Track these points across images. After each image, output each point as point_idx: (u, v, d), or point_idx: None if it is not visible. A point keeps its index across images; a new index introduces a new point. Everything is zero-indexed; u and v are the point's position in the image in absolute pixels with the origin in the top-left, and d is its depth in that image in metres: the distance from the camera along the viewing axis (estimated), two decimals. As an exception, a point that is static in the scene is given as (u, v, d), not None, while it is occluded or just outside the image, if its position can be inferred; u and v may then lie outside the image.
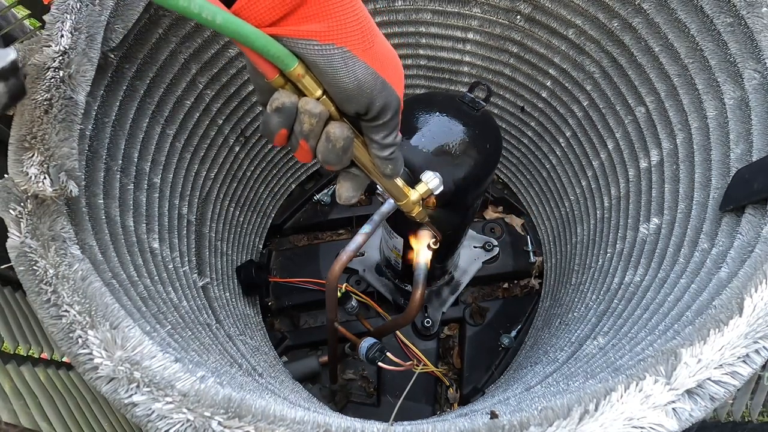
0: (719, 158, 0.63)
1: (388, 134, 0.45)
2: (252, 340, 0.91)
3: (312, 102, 0.41)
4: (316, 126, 0.42)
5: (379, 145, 0.46)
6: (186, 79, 0.78)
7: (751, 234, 0.52)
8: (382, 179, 0.51)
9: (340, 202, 0.51)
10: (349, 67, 0.39)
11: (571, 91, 0.94)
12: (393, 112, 0.43)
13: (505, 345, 1.09)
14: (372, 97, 0.40)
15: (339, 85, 0.39)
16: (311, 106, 0.41)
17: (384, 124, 0.44)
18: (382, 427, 0.43)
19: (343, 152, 0.44)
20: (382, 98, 0.41)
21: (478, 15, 0.94)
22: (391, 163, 0.48)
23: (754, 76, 0.59)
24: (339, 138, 0.43)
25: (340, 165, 0.46)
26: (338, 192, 0.51)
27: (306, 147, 0.44)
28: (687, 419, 0.37)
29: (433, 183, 0.59)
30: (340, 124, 0.43)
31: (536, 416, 0.38)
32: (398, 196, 0.57)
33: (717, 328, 0.40)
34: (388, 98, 0.42)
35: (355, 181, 0.51)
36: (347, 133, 0.43)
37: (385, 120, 0.43)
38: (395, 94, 0.42)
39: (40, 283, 0.42)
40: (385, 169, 0.48)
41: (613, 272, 0.82)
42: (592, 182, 0.96)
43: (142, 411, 0.38)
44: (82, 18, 0.53)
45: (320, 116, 0.42)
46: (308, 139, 0.43)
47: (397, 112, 0.44)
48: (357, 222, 1.22)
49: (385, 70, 0.41)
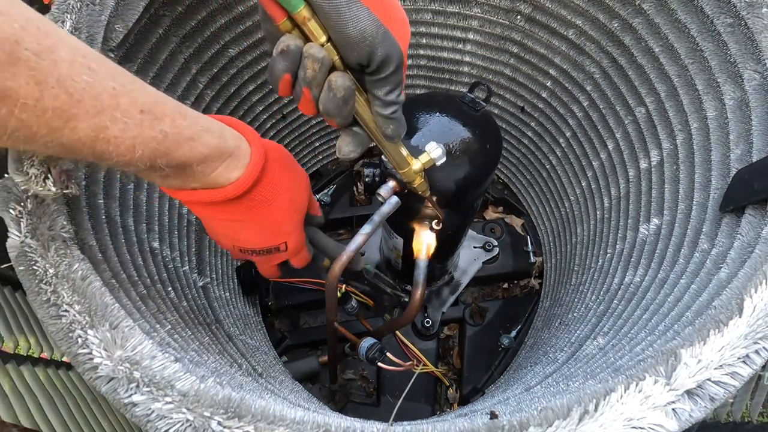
0: (719, 159, 0.63)
1: (391, 90, 0.45)
2: (252, 339, 0.91)
3: (316, 47, 0.41)
4: (319, 72, 0.43)
5: (382, 102, 0.46)
6: (186, 78, 0.78)
7: (751, 234, 0.52)
8: (384, 141, 0.51)
9: (338, 156, 0.52)
10: (353, 11, 0.39)
11: (571, 91, 0.94)
12: (395, 66, 0.43)
13: (505, 345, 1.09)
14: (373, 46, 0.41)
15: (342, 29, 0.40)
16: (315, 50, 0.41)
17: (386, 79, 0.44)
18: (382, 427, 0.43)
19: (343, 102, 0.45)
20: (383, 48, 0.41)
21: (478, 15, 0.94)
22: (393, 124, 0.48)
23: (754, 76, 0.59)
24: (340, 87, 0.43)
25: (341, 118, 0.47)
26: (338, 145, 0.52)
27: (309, 96, 0.45)
28: (687, 420, 0.37)
29: (435, 153, 0.58)
30: (342, 74, 0.43)
31: (536, 416, 0.38)
32: (400, 163, 0.57)
33: (717, 329, 0.40)
34: (390, 50, 0.42)
35: (357, 138, 0.51)
36: (348, 83, 0.44)
37: (387, 73, 0.43)
38: (398, 46, 0.42)
39: (40, 283, 0.42)
40: (387, 129, 0.49)
41: (613, 272, 0.82)
42: (592, 182, 0.96)
43: (141, 411, 0.38)
44: (83, 18, 0.53)
45: (323, 62, 0.42)
46: (311, 86, 0.44)
47: (399, 68, 0.44)
48: (357, 222, 1.22)
49: (389, 22, 0.41)
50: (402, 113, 0.49)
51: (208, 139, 0.44)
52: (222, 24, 0.79)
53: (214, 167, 0.46)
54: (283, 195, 0.54)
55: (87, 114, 0.33)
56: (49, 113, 0.31)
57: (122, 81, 0.36)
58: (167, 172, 0.43)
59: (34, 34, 0.30)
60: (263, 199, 0.52)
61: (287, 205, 0.55)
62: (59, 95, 0.31)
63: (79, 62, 0.33)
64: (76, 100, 0.32)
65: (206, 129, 0.44)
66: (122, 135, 0.36)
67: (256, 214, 0.53)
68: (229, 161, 0.47)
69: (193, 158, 0.43)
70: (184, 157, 0.42)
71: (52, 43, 0.31)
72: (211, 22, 0.78)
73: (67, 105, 0.32)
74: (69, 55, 0.32)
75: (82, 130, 0.33)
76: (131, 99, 0.36)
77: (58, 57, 0.31)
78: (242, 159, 0.49)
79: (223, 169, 0.47)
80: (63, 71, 0.31)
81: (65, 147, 0.34)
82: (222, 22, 0.79)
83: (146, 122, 0.37)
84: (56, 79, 0.31)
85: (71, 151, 0.35)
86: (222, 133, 0.46)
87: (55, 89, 0.31)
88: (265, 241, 0.57)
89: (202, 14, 0.75)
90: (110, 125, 0.35)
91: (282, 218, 0.56)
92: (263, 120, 1.01)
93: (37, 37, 0.30)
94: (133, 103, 0.36)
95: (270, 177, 0.52)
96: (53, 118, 0.32)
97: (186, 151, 0.42)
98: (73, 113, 0.32)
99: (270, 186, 0.52)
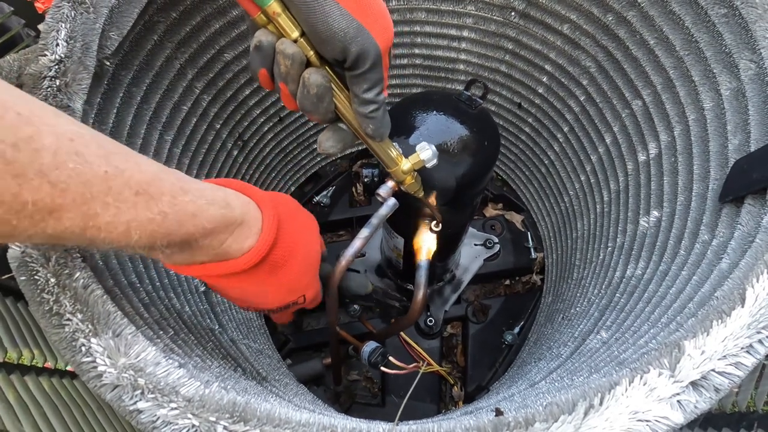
0: (717, 149, 0.63)
1: (369, 88, 0.43)
2: (255, 343, 0.91)
3: (287, 42, 0.40)
4: (292, 69, 0.42)
5: (360, 99, 0.44)
6: (182, 84, 0.78)
7: (752, 224, 0.52)
8: (368, 140, 0.50)
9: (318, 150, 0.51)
10: (322, 6, 0.38)
11: (568, 86, 0.94)
12: (371, 63, 0.41)
13: (509, 342, 1.09)
14: (345, 42, 0.39)
15: (312, 24, 0.39)
16: (285, 46, 0.40)
17: (362, 76, 0.42)
18: (388, 427, 0.43)
19: (318, 99, 0.44)
20: (357, 44, 0.40)
21: (472, 13, 0.94)
22: (373, 123, 0.46)
23: (750, 66, 0.59)
24: (313, 84, 0.42)
25: (319, 114, 0.45)
26: (319, 140, 0.51)
27: (286, 91, 0.44)
28: (692, 411, 0.37)
29: (425, 154, 0.57)
30: (316, 70, 0.42)
31: (541, 412, 0.38)
32: (387, 162, 0.56)
33: (720, 320, 0.40)
34: (365, 45, 0.40)
35: (339, 134, 0.50)
36: (321, 80, 0.42)
37: (362, 70, 0.42)
38: (372, 41, 0.40)
39: (42, 293, 0.42)
40: (367, 128, 0.47)
41: (615, 266, 0.82)
42: (591, 177, 0.96)
43: (147, 417, 0.38)
44: (77, 26, 0.53)
45: (294, 58, 0.41)
46: (287, 82, 0.43)
47: (377, 65, 0.42)
48: (357, 223, 1.22)
49: (365, 17, 0.40)
50: (384, 113, 0.47)
51: (214, 211, 0.41)
52: (217, 29, 0.79)
53: (222, 239, 0.43)
54: (299, 252, 0.51)
55: (74, 203, 0.31)
56: (29, 207, 0.29)
57: (115, 161, 0.33)
58: (171, 251, 0.40)
59: (10, 124, 0.27)
60: (278, 263, 0.49)
61: (303, 262, 0.52)
62: (41, 187, 0.29)
63: (65, 148, 0.30)
64: (61, 190, 0.30)
65: (210, 201, 0.41)
66: (115, 220, 0.33)
67: (273, 279, 0.50)
68: (239, 231, 0.44)
69: (197, 234, 0.40)
70: (187, 235, 0.39)
71: (32, 131, 0.28)
72: (205, 27, 0.78)
73: (50, 197, 0.29)
74: (53, 142, 0.29)
75: (68, 219, 0.31)
76: (124, 181, 0.33)
77: (39, 145, 0.28)
78: (253, 225, 0.46)
79: (233, 240, 0.44)
80: (45, 161, 0.29)
81: (52, 237, 0.31)
82: (217, 27, 0.79)
83: (141, 204, 0.34)
84: (37, 170, 0.28)
85: (59, 240, 0.32)
86: (227, 201, 0.43)
87: (35, 180, 0.28)
88: (283, 299, 0.55)
89: (196, 19, 0.75)
90: (101, 212, 0.32)
91: (299, 276, 0.53)
92: (261, 123, 1.01)
93: (14, 127, 0.28)
94: (126, 185, 0.33)
95: (284, 238, 0.49)
96: (35, 212, 0.29)
97: (189, 227, 0.39)
98: (57, 204, 0.30)
99: (285, 248, 0.49)
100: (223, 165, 0.95)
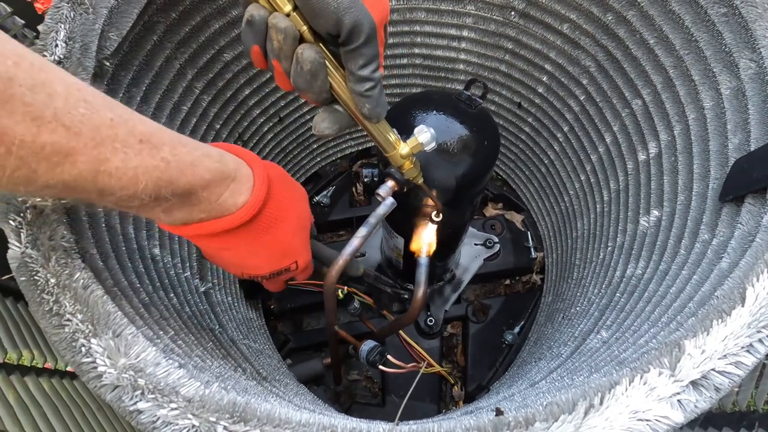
0: (717, 149, 0.63)
1: (365, 65, 0.42)
2: (255, 343, 0.91)
3: (280, 16, 0.40)
4: (284, 44, 0.41)
5: (355, 77, 0.43)
6: (182, 84, 0.78)
7: (752, 223, 0.52)
8: (364, 121, 0.49)
9: (313, 131, 0.49)
10: None
11: (568, 86, 0.94)
12: (366, 36, 0.40)
13: (509, 341, 1.09)
14: (339, 13, 0.38)
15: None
16: (277, 20, 0.40)
17: (357, 50, 0.41)
18: (388, 427, 0.43)
19: (311, 77, 0.43)
20: (351, 16, 0.38)
21: (472, 12, 0.94)
22: (369, 102, 0.45)
23: (749, 65, 0.59)
24: (306, 60, 0.41)
25: (313, 93, 0.45)
26: (314, 121, 0.49)
27: (279, 69, 0.43)
28: (692, 410, 0.37)
29: (423, 136, 0.55)
30: (309, 46, 0.41)
31: (541, 412, 0.38)
32: (385, 146, 0.54)
33: (720, 319, 0.40)
34: (359, 17, 0.39)
35: (335, 116, 0.49)
36: (315, 55, 0.41)
37: (357, 44, 0.40)
38: (366, 13, 0.39)
39: (42, 293, 0.42)
40: (363, 108, 0.46)
41: (615, 266, 0.82)
42: (591, 176, 0.96)
43: (147, 418, 0.38)
44: (76, 27, 0.53)
45: (286, 32, 0.40)
46: (280, 59, 0.42)
47: (371, 38, 0.41)
48: (357, 222, 1.22)
49: None
50: (381, 92, 0.46)
51: (210, 164, 0.43)
52: (216, 29, 0.79)
53: (219, 193, 0.45)
54: (291, 213, 0.53)
55: (86, 146, 0.33)
56: (47, 148, 0.31)
57: (119, 112, 0.36)
58: (172, 203, 0.42)
59: (27, 69, 0.30)
60: (273, 220, 0.51)
61: (295, 222, 0.54)
62: (57, 129, 0.31)
63: (74, 95, 0.32)
64: (74, 133, 0.32)
65: (206, 154, 0.43)
66: (124, 166, 0.35)
67: (266, 237, 0.52)
68: (234, 186, 0.47)
69: (196, 184, 0.42)
70: (188, 184, 0.41)
71: (45, 78, 0.31)
72: (205, 27, 0.78)
73: (65, 139, 0.31)
74: (64, 89, 0.32)
75: (82, 163, 0.33)
76: (129, 129, 0.36)
77: (53, 90, 0.31)
78: (246, 182, 0.48)
79: (229, 194, 0.46)
80: (59, 105, 0.31)
81: (67, 184, 0.33)
82: (216, 27, 0.79)
83: (146, 151, 0.37)
84: (53, 113, 0.30)
85: (73, 189, 0.34)
86: (221, 157, 0.45)
87: (52, 123, 0.30)
88: (276, 263, 0.57)
89: (196, 20, 0.75)
90: (111, 157, 0.34)
91: (291, 237, 0.55)
92: (260, 123, 1.01)
93: (30, 72, 0.30)
94: (131, 133, 0.36)
95: (276, 197, 0.51)
96: (52, 154, 0.31)
97: (189, 177, 0.41)
98: (72, 147, 0.32)
99: (277, 206, 0.51)
100: (223, 165, 0.95)
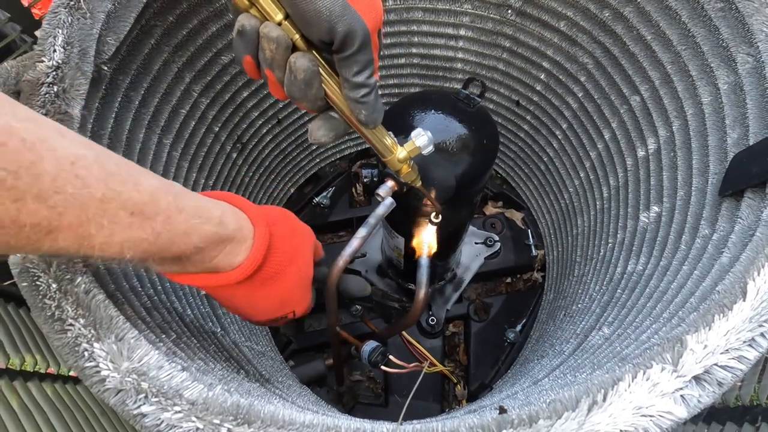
0: (716, 144, 0.63)
1: (359, 71, 0.42)
2: (258, 345, 0.91)
3: (271, 26, 0.39)
4: (277, 53, 0.40)
5: (350, 84, 0.43)
6: (180, 88, 0.78)
7: (752, 218, 0.52)
8: (360, 127, 0.49)
9: (310, 140, 0.49)
10: None
11: (566, 83, 0.94)
12: (359, 43, 0.40)
13: (511, 340, 1.09)
14: (331, 21, 0.38)
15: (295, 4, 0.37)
16: (269, 29, 0.39)
17: (351, 58, 0.41)
18: (392, 427, 0.43)
19: (306, 85, 0.42)
20: (344, 24, 0.38)
21: (469, 11, 0.94)
22: (365, 108, 0.45)
23: (747, 60, 0.59)
24: (300, 68, 0.41)
25: (308, 102, 0.44)
26: (310, 129, 0.49)
27: (273, 78, 0.43)
28: (695, 405, 0.37)
29: (420, 140, 0.55)
30: (302, 54, 0.41)
31: (545, 409, 0.38)
32: (382, 150, 0.54)
33: (721, 314, 0.40)
34: (352, 25, 0.38)
35: (331, 123, 0.48)
36: (308, 63, 0.41)
37: (351, 51, 0.40)
38: (360, 20, 0.39)
39: (44, 299, 0.42)
40: (359, 114, 0.46)
41: (615, 262, 0.82)
42: (591, 173, 0.96)
43: (151, 421, 0.38)
44: (74, 32, 0.53)
45: (278, 41, 0.40)
46: (273, 68, 0.42)
47: (365, 45, 0.40)
48: (357, 223, 1.21)
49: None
50: (376, 97, 0.45)
51: (207, 229, 0.42)
52: (214, 32, 0.79)
53: (212, 256, 0.44)
54: (290, 269, 0.52)
55: (70, 225, 0.31)
56: (27, 229, 0.30)
57: (113, 183, 0.34)
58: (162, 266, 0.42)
59: (13, 151, 0.28)
60: (271, 276, 0.50)
61: (294, 276, 0.53)
62: (38, 211, 0.30)
63: (65, 172, 0.31)
64: (58, 213, 0.30)
65: (205, 219, 0.42)
66: (109, 241, 0.34)
67: (263, 291, 0.51)
68: (231, 247, 0.45)
69: (188, 251, 0.41)
70: (179, 252, 0.40)
71: (34, 158, 0.29)
72: (202, 30, 0.78)
73: (46, 220, 0.30)
74: (54, 167, 0.30)
75: (63, 240, 0.32)
76: (121, 202, 0.34)
77: (40, 171, 0.29)
78: (245, 242, 0.47)
79: (223, 256, 0.45)
80: (44, 185, 0.29)
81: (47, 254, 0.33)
82: (214, 30, 0.79)
83: (136, 224, 0.35)
84: (35, 195, 0.29)
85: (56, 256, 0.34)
86: (222, 219, 0.44)
87: (33, 206, 0.29)
88: (273, 313, 0.56)
89: (193, 23, 0.75)
90: (95, 233, 0.33)
91: (290, 290, 0.54)
92: (259, 125, 1.01)
93: (16, 154, 0.28)
94: (122, 207, 0.34)
95: (276, 252, 0.50)
96: (32, 233, 0.30)
97: (181, 246, 0.40)
98: (54, 226, 0.31)
99: (277, 261, 0.50)
100: (222, 168, 0.95)
